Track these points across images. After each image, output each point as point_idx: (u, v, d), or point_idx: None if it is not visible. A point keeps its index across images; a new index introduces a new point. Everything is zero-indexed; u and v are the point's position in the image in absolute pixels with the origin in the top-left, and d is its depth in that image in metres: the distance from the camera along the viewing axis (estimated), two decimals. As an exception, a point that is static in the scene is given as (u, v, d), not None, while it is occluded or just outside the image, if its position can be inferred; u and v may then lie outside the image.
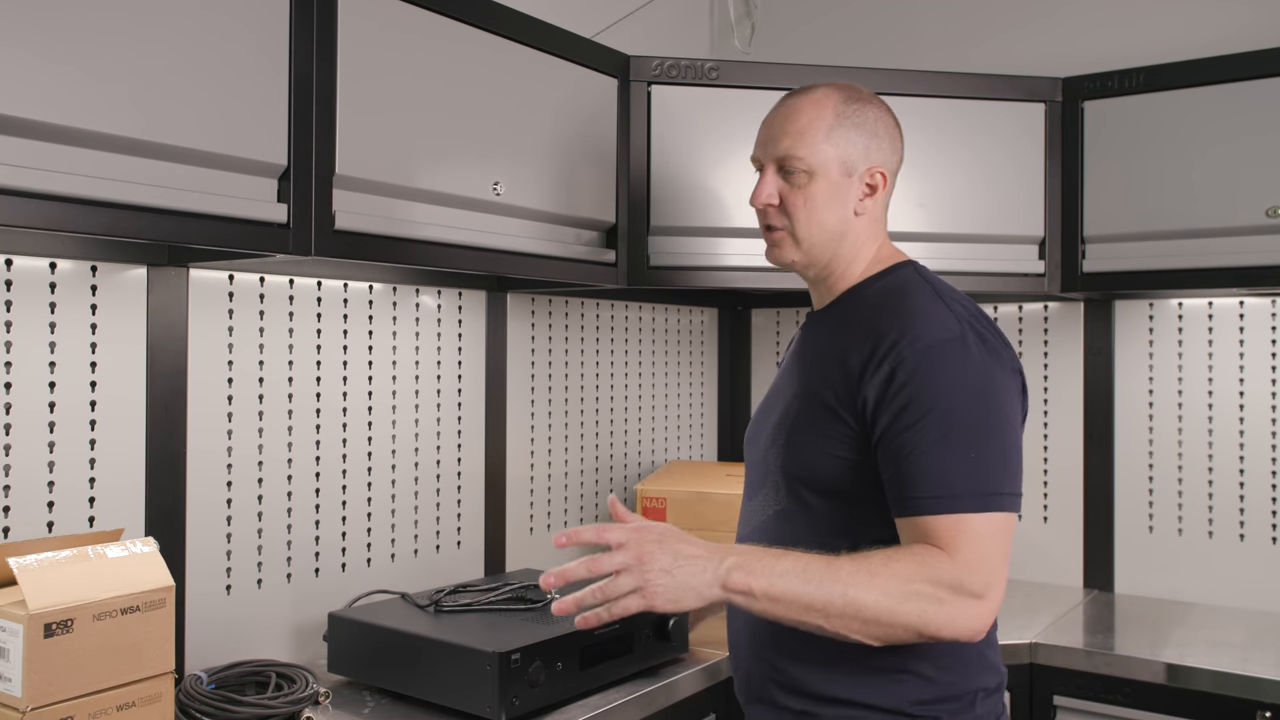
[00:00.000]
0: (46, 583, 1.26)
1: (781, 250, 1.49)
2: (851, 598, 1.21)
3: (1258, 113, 2.07)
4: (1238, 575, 2.35)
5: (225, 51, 1.39)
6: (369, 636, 1.67)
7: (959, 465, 1.26)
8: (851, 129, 1.45)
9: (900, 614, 1.22)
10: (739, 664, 1.51)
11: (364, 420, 1.97)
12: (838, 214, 1.45)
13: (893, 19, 2.84)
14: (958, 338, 1.31)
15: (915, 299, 1.38)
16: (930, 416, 1.28)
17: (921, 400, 1.28)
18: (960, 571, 1.23)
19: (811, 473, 1.39)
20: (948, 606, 1.23)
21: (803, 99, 1.48)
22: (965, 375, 1.29)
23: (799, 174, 1.45)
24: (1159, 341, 2.45)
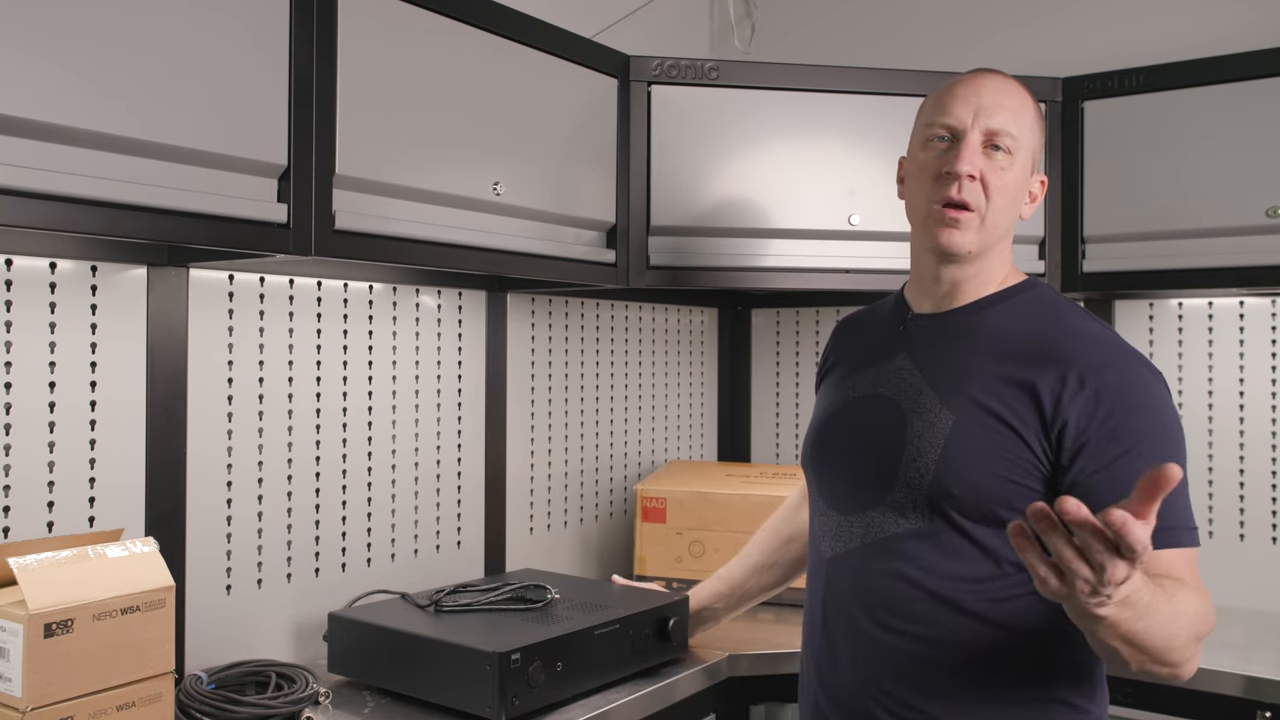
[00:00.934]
0: (46, 583, 1.26)
1: (966, 233, 1.33)
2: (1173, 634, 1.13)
3: (1258, 113, 2.07)
4: (1238, 575, 2.35)
5: (225, 51, 1.39)
6: (369, 636, 1.67)
7: (1174, 498, 1.20)
8: (1040, 128, 1.38)
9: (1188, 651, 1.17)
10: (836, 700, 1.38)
11: (364, 420, 1.97)
12: (1016, 210, 1.36)
13: (893, 19, 2.84)
14: (1145, 364, 1.29)
15: (1078, 320, 1.34)
16: (1145, 446, 1.23)
17: (1133, 430, 1.24)
18: (1211, 611, 1.20)
19: (975, 494, 1.28)
20: (1198, 647, 1.19)
21: (1006, 80, 1.37)
22: (1163, 403, 1.27)
23: (1003, 154, 1.33)
24: (1159, 341, 2.45)
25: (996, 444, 1.28)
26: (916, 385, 1.37)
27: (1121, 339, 1.34)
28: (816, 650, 1.43)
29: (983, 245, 1.35)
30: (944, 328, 1.39)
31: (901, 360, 1.41)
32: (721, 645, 1.91)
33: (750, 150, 2.16)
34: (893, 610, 1.32)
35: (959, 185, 1.32)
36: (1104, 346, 1.30)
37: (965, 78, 1.40)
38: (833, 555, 1.41)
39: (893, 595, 1.32)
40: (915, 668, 1.31)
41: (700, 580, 1.92)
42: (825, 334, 2.82)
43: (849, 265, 2.18)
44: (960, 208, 1.33)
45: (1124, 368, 1.27)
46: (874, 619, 1.34)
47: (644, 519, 2.33)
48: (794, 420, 2.85)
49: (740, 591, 1.82)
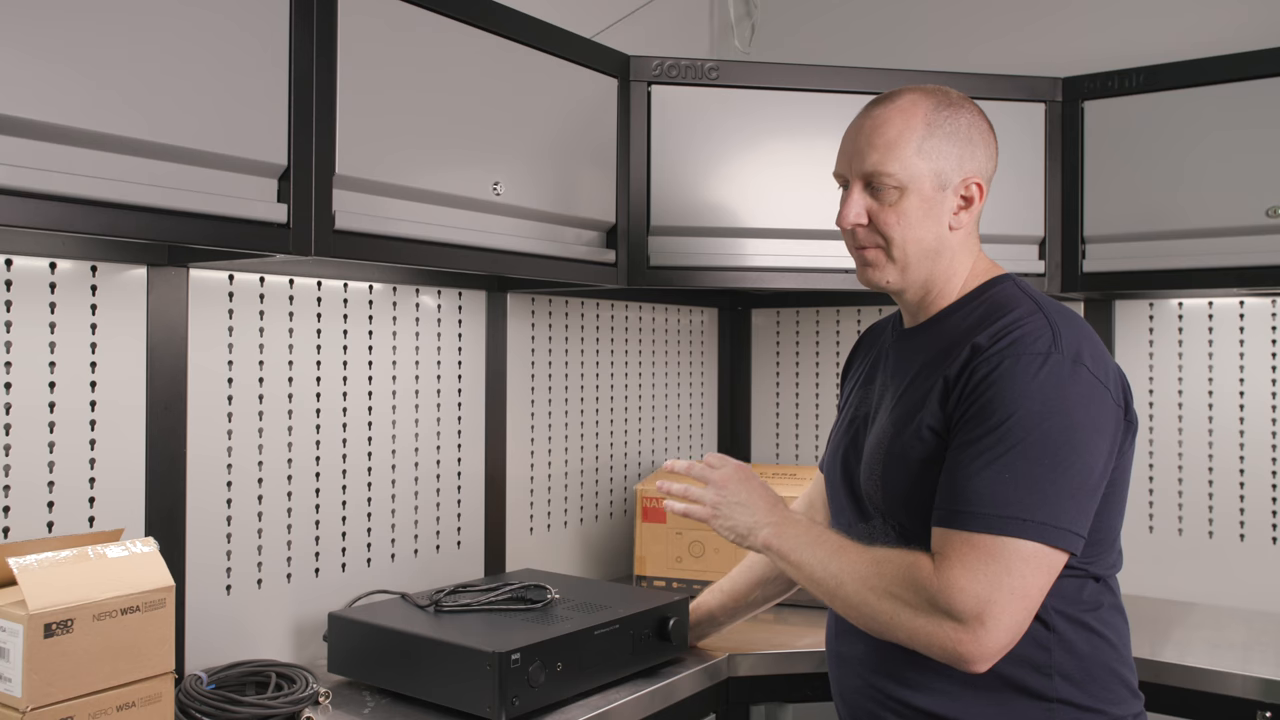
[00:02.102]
0: (46, 583, 1.26)
1: (876, 271, 1.40)
2: (840, 581, 1.29)
3: (1258, 113, 2.07)
4: (1238, 575, 2.35)
5: (225, 51, 1.39)
6: (369, 636, 1.67)
7: (991, 483, 1.21)
8: (944, 139, 1.36)
9: (877, 610, 1.26)
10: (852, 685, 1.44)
11: (364, 420, 1.97)
12: (933, 231, 1.37)
13: (893, 19, 2.84)
14: (1044, 353, 1.24)
15: (1015, 311, 1.32)
16: (991, 429, 1.22)
17: (988, 411, 1.23)
18: (937, 588, 1.20)
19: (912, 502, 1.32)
20: (921, 618, 1.22)
21: (889, 108, 1.38)
22: (1042, 389, 1.22)
23: (889, 190, 1.36)
24: (1159, 341, 2.45)
25: (919, 449, 1.32)
26: (885, 400, 1.42)
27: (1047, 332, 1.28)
28: (832, 654, 1.49)
29: (903, 274, 1.40)
30: (910, 341, 1.45)
31: (881, 377, 1.48)
32: (721, 645, 1.91)
33: (750, 150, 2.16)
34: None
35: (853, 234, 1.41)
36: (1008, 331, 1.29)
37: (851, 123, 1.44)
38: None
39: None
40: (916, 671, 1.33)
41: (699, 580, 1.92)
42: (826, 334, 2.82)
43: (849, 265, 2.16)
44: (862, 248, 1.41)
45: (1009, 353, 1.26)
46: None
47: (644, 519, 2.33)
48: (794, 420, 2.85)
49: (744, 602, 1.84)
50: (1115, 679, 1.34)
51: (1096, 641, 1.33)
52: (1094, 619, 1.33)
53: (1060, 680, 1.30)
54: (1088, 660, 1.31)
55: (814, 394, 2.82)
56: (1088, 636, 1.32)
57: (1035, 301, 1.35)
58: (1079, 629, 1.32)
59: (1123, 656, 1.36)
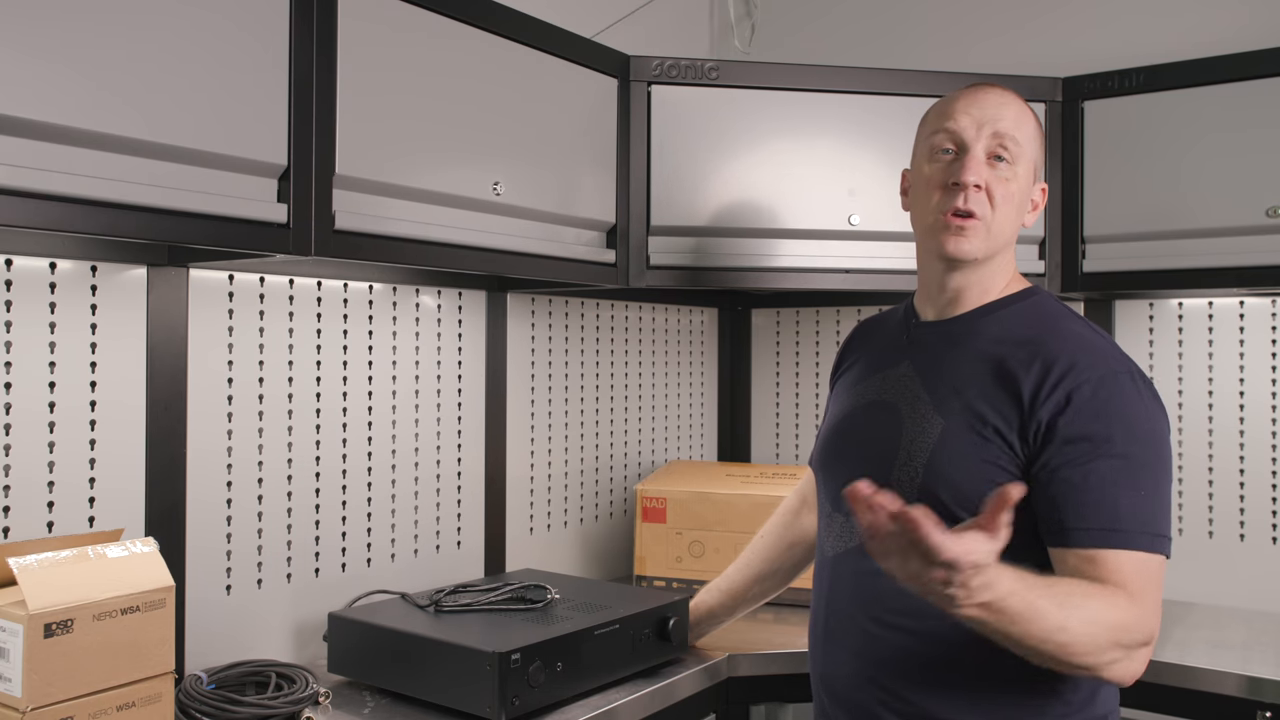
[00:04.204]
0: (46, 583, 1.26)
1: (973, 240, 1.36)
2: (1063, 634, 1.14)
3: (1257, 113, 2.07)
4: (1238, 575, 2.35)
5: (225, 51, 1.39)
6: (369, 636, 1.67)
7: (1133, 501, 1.23)
8: (1040, 138, 1.42)
9: (1100, 658, 1.18)
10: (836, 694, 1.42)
11: (364, 420, 1.97)
12: (1016, 219, 1.40)
13: (893, 19, 2.84)
14: (1128, 372, 1.29)
15: (1071, 324, 1.35)
16: (1106, 448, 1.24)
17: (1097, 432, 1.25)
18: (1145, 620, 1.21)
19: (959, 497, 1.30)
20: (1132, 655, 1.21)
21: (1006, 92, 1.41)
22: (1138, 410, 1.27)
23: (1006, 164, 1.37)
24: (1159, 341, 2.45)
25: (980, 448, 1.30)
26: (915, 391, 1.40)
27: (1112, 345, 1.34)
28: (819, 647, 1.47)
29: (989, 251, 1.38)
30: (945, 334, 1.43)
31: (905, 367, 1.44)
32: (721, 645, 1.91)
33: (750, 150, 2.16)
34: (888, 607, 1.35)
35: (965, 195, 1.36)
36: (1088, 351, 1.31)
37: (966, 90, 1.43)
38: (835, 554, 1.45)
39: (888, 593, 1.34)
40: (911, 663, 1.33)
41: (699, 580, 1.92)
42: (826, 334, 2.82)
43: (849, 265, 2.18)
44: (967, 216, 1.36)
45: (1102, 371, 1.28)
46: (870, 616, 1.37)
47: (644, 519, 2.33)
48: (794, 420, 2.85)
49: (743, 599, 1.84)
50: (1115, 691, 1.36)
51: None
52: None
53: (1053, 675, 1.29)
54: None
55: (814, 394, 2.82)
56: None
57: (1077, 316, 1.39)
58: None
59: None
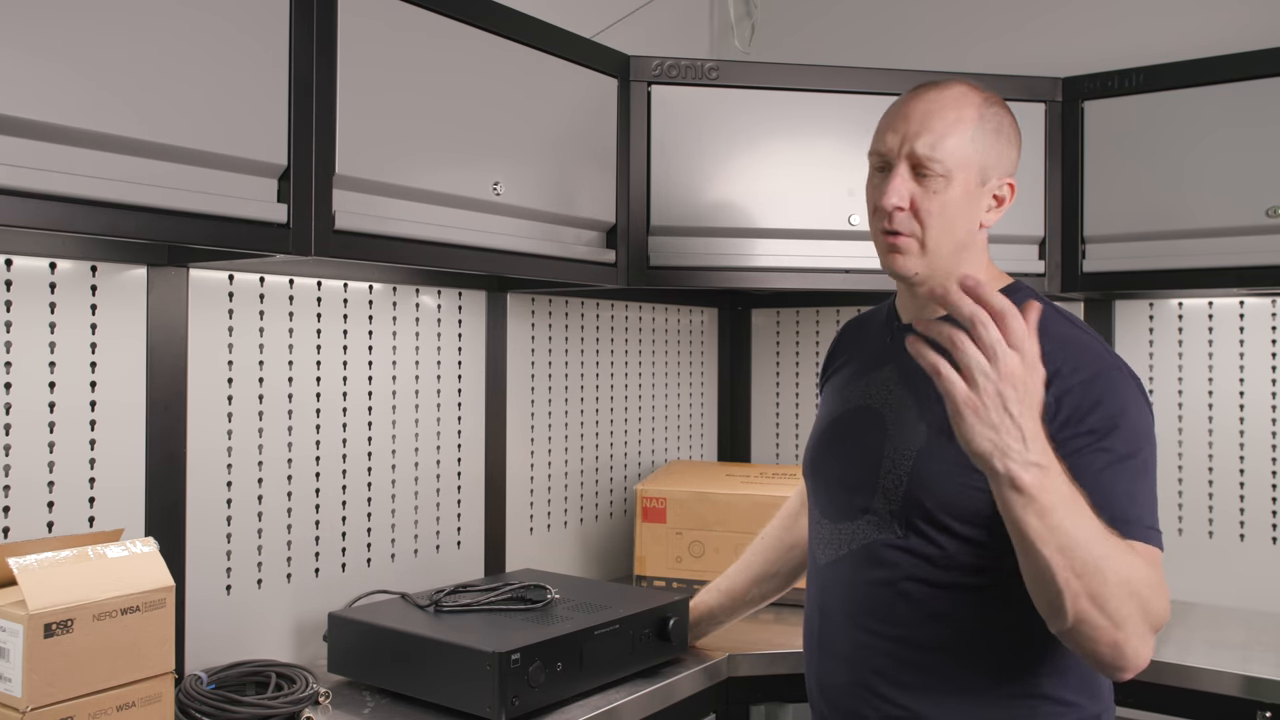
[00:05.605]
0: (46, 583, 1.26)
1: (905, 260, 1.35)
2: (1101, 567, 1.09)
3: (1257, 113, 2.07)
4: (1238, 575, 2.35)
5: (225, 51, 1.39)
6: (369, 636, 1.67)
7: (1137, 494, 1.22)
8: (990, 134, 1.35)
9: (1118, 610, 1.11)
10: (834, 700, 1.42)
11: (364, 420, 1.97)
12: (966, 225, 1.35)
13: (893, 19, 2.84)
14: (1117, 368, 1.28)
15: (1057, 326, 1.31)
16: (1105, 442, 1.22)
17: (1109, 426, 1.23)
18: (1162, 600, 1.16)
19: (944, 504, 1.29)
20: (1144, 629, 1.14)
21: (944, 94, 1.36)
22: (1132, 407, 1.25)
23: (936, 178, 1.33)
24: (1159, 341, 2.45)
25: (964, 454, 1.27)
26: (900, 396, 1.39)
27: (1100, 345, 1.32)
28: (813, 656, 1.47)
29: (930, 267, 1.36)
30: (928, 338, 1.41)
31: (889, 371, 1.44)
32: (721, 645, 1.91)
33: (750, 150, 2.16)
34: (877, 615, 1.36)
35: (890, 217, 1.35)
36: (1078, 352, 1.29)
37: (901, 101, 1.40)
38: (826, 563, 1.45)
39: (877, 601, 1.35)
40: (900, 669, 1.34)
41: (699, 580, 1.92)
42: (825, 334, 2.82)
43: (849, 265, 2.18)
44: (896, 235, 1.35)
45: (1093, 371, 1.26)
46: (860, 624, 1.38)
47: (644, 519, 2.33)
48: (794, 420, 2.85)
49: (743, 600, 1.84)
50: (1090, 674, 1.34)
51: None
52: None
53: (1045, 677, 1.31)
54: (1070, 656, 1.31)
55: (814, 394, 2.82)
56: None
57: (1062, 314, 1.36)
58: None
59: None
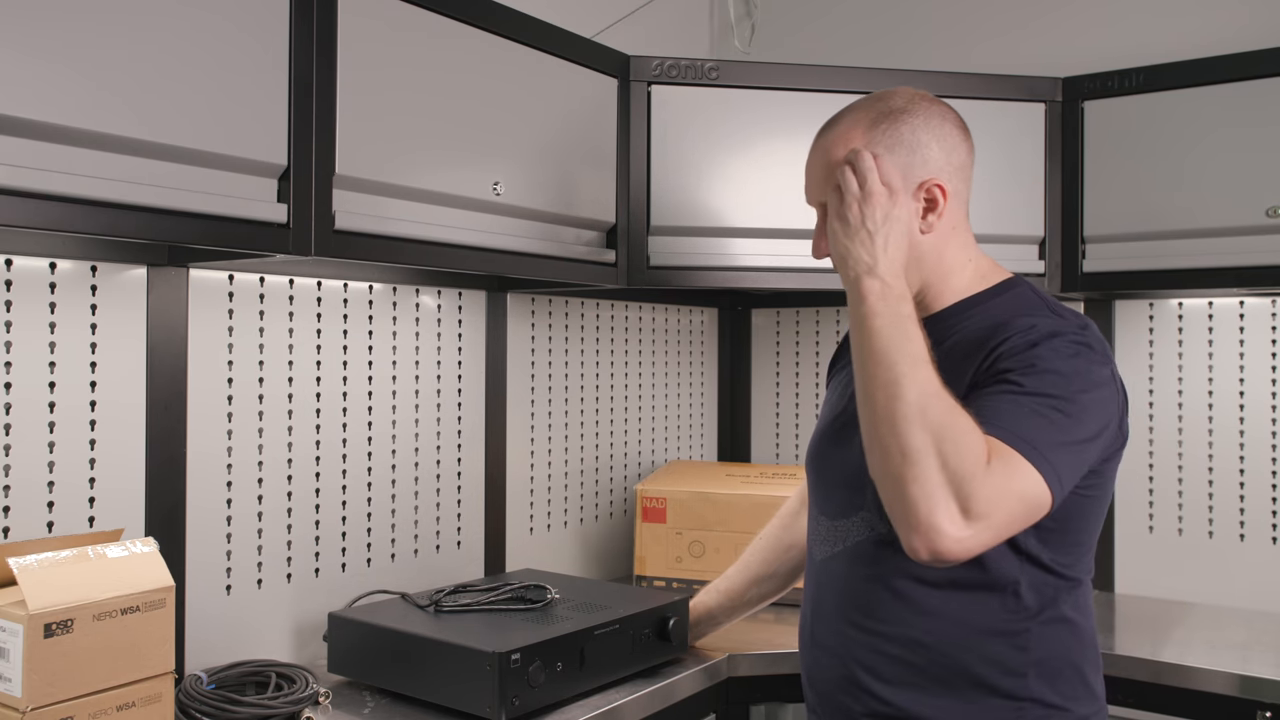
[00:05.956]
0: (46, 583, 1.26)
1: None
2: (901, 384, 1.16)
3: (1258, 113, 2.07)
4: (1238, 575, 2.35)
5: (225, 51, 1.39)
6: (369, 636, 1.67)
7: (1018, 413, 1.20)
8: (885, 151, 1.35)
9: (908, 439, 1.14)
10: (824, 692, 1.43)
11: (364, 420, 1.97)
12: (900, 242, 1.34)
13: (893, 19, 2.84)
14: (1081, 341, 1.26)
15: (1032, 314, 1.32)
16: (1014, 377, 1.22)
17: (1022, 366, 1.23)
18: (976, 477, 1.13)
19: None
20: (936, 482, 1.13)
21: (830, 135, 1.40)
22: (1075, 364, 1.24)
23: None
24: (1159, 341, 2.45)
25: None
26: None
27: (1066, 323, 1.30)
28: (806, 650, 1.48)
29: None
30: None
31: None
32: (721, 645, 1.91)
33: (750, 150, 2.16)
34: (867, 611, 1.36)
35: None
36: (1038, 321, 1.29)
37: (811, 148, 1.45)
38: (821, 558, 1.46)
39: (868, 597, 1.36)
40: (887, 665, 1.34)
41: (699, 580, 1.92)
42: (826, 334, 2.82)
43: (849, 265, 2.17)
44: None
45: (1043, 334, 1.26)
46: (850, 619, 1.38)
47: (644, 519, 2.33)
48: (794, 420, 2.85)
49: (741, 601, 1.84)
50: (1080, 678, 1.34)
51: (1069, 640, 1.34)
52: (1069, 619, 1.34)
53: (1034, 679, 1.31)
54: (1060, 659, 1.32)
55: (814, 394, 2.82)
56: (1062, 636, 1.33)
57: (1051, 305, 1.35)
58: (1055, 628, 1.32)
59: (1090, 657, 1.37)
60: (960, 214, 1.40)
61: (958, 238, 1.40)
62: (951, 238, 1.39)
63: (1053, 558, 1.30)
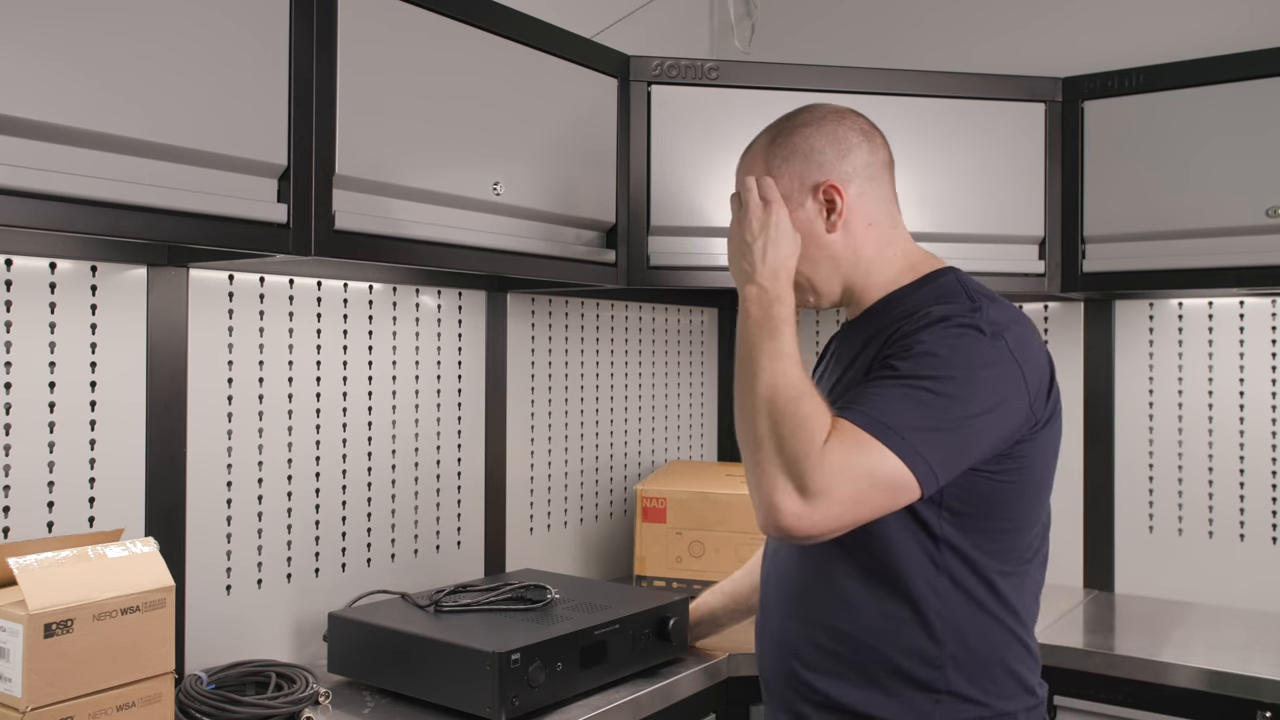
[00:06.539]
0: (46, 583, 1.26)
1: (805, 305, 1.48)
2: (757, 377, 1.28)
3: (1258, 113, 2.07)
4: (1238, 575, 2.35)
5: (225, 51, 1.39)
6: (369, 636, 1.67)
7: (882, 397, 1.23)
8: (781, 164, 1.43)
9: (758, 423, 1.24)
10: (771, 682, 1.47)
11: (364, 420, 1.97)
12: (813, 248, 1.42)
13: (893, 19, 2.84)
14: (967, 324, 1.27)
15: (949, 296, 1.35)
16: (899, 366, 1.26)
17: (901, 354, 1.27)
18: (810, 456, 1.19)
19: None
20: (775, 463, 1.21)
21: (741, 164, 1.50)
22: (954, 345, 1.26)
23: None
24: (1159, 341, 2.45)
25: None
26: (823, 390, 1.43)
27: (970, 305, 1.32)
28: (757, 641, 1.53)
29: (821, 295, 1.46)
30: (850, 333, 1.48)
31: (824, 367, 1.53)
32: (722, 645, 1.91)
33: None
34: (801, 602, 1.41)
35: None
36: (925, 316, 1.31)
37: None
38: (771, 551, 1.51)
39: (802, 588, 1.41)
40: (819, 655, 1.38)
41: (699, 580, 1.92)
42: (825, 333, 2.82)
43: (849, 265, 2.18)
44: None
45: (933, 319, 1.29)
46: (788, 610, 1.43)
47: (644, 519, 2.33)
48: (794, 420, 2.85)
49: (745, 605, 1.85)
50: (1008, 674, 1.35)
51: (994, 634, 1.34)
52: (993, 612, 1.34)
53: (951, 672, 1.32)
54: (981, 654, 1.33)
55: (814, 394, 2.82)
56: (985, 628, 1.33)
57: (970, 291, 1.37)
58: (978, 620, 1.33)
59: (1019, 652, 1.36)
60: (875, 211, 1.43)
61: (875, 234, 1.43)
62: (868, 235, 1.43)
63: (975, 545, 1.31)
